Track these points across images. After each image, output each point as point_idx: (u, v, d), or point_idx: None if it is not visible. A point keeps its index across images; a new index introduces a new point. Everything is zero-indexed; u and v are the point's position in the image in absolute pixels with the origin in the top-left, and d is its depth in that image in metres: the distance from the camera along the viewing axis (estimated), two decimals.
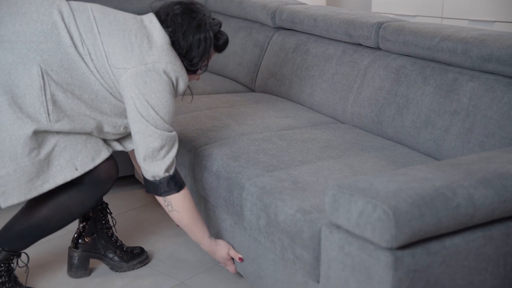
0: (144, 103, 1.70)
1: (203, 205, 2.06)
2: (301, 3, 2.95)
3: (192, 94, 2.02)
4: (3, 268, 1.88)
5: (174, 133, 1.77)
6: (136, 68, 1.70)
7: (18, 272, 2.02)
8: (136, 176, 2.56)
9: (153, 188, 1.81)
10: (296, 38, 2.74)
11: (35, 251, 2.25)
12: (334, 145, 2.01)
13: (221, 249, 1.89)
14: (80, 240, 2.07)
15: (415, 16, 3.76)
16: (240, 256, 1.86)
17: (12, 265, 1.90)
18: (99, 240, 2.08)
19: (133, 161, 2.15)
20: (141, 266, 2.14)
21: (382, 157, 1.91)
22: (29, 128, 1.64)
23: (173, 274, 2.11)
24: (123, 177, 2.82)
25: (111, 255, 2.10)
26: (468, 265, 1.35)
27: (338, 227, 1.39)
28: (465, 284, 1.36)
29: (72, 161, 1.72)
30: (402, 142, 2.08)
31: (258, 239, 1.71)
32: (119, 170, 2.01)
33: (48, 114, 1.66)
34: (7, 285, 1.89)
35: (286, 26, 2.84)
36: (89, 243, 2.08)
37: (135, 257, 2.13)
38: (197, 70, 1.87)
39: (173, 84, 1.76)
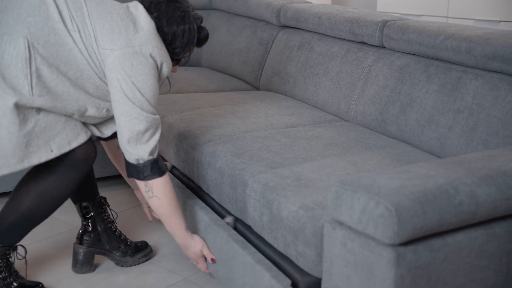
0: (131, 85, 1.69)
1: (181, 202, 2.06)
2: (306, 2, 2.95)
3: (170, 84, 2.05)
4: (1, 264, 1.89)
5: (158, 116, 1.77)
6: (123, 50, 1.70)
7: (19, 266, 2.03)
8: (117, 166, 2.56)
9: (136, 172, 1.79)
10: (301, 36, 2.75)
11: (39, 246, 2.26)
12: (337, 143, 2.02)
13: (196, 244, 1.88)
14: (85, 237, 2.09)
15: (420, 15, 3.76)
16: (213, 257, 1.85)
17: (10, 259, 1.91)
18: (102, 236, 2.09)
19: (108, 151, 2.13)
20: (146, 260, 2.15)
21: (385, 155, 1.92)
22: (11, 100, 1.62)
23: (177, 270, 2.11)
24: None
25: (115, 251, 2.11)
26: (470, 262, 1.35)
27: (341, 223, 1.40)
28: (467, 281, 1.36)
29: (49, 143, 1.71)
30: (405, 140, 2.08)
31: (262, 235, 1.71)
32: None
33: (31, 87, 1.64)
34: (8, 279, 1.90)
35: (290, 24, 2.84)
36: (93, 239, 2.09)
37: (140, 250, 2.14)
38: (179, 60, 1.88)
39: (158, 68, 1.76)
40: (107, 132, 1.92)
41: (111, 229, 2.11)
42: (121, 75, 1.70)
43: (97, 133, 1.89)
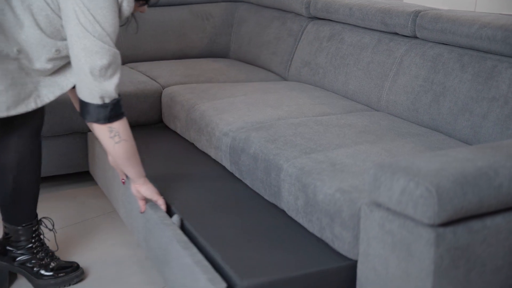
0: (90, 18, 1.56)
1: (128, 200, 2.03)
2: None
3: (137, 25, 1.88)
4: (37, 244, 1.95)
5: (119, 52, 1.65)
6: None
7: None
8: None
9: (99, 114, 1.65)
10: (331, 27, 2.76)
11: (70, 230, 2.29)
12: (370, 131, 2.03)
13: (152, 187, 1.84)
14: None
15: (447, 10, 3.74)
16: (161, 204, 1.83)
17: (42, 238, 1.96)
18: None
19: (74, 101, 1.96)
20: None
21: (418, 143, 1.92)
22: None
23: None
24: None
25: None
26: (509, 245, 1.36)
27: (379, 205, 1.41)
28: (506, 264, 1.36)
29: None
30: (438, 129, 2.09)
31: (296, 219, 1.73)
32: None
33: None
34: (45, 260, 1.94)
35: (320, 16, 2.85)
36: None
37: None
38: (147, 0, 1.76)
39: (117, 3, 1.63)
40: (47, 97, 1.76)
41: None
42: (79, 7, 1.56)
43: (40, 102, 1.74)
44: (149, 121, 2.73)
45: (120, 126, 1.70)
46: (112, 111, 1.66)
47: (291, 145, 1.88)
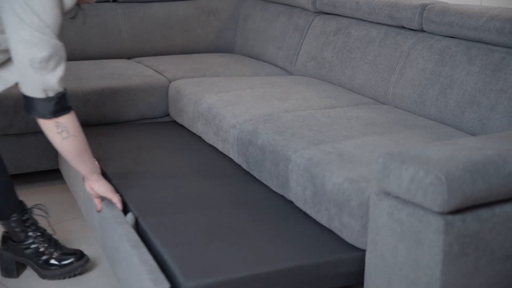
0: (26, 9, 1.50)
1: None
2: None
3: (84, 17, 1.82)
4: (39, 234, 1.95)
5: (61, 43, 1.59)
6: None
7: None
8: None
9: (44, 108, 1.59)
10: (337, 21, 2.76)
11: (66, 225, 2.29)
12: (377, 123, 2.03)
13: (107, 184, 1.79)
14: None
15: (454, 3, 3.74)
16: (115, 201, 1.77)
17: (38, 225, 1.96)
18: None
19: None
20: None
21: (426, 135, 1.93)
22: None
23: None
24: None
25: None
26: None
27: (388, 194, 1.41)
28: None
29: None
30: (445, 121, 2.09)
31: (304, 209, 1.73)
32: None
33: None
34: (49, 249, 1.94)
35: (327, 10, 2.86)
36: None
37: None
38: None
39: None
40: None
41: None
42: None
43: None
44: (155, 115, 2.74)
45: (68, 121, 1.63)
46: (57, 104, 1.60)
47: (298, 137, 1.88)
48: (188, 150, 2.34)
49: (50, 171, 2.76)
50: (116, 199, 1.79)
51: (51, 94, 1.59)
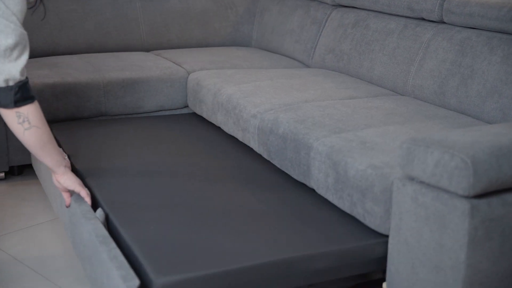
0: None
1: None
2: None
3: (45, 10, 1.75)
4: None
5: (26, 32, 1.56)
6: None
7: None
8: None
9: (5, 97, 1.55)
10: (355, 14, 2.77)
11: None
12: (398, 113, 2.04)
13: (74, 177, 1.74)
14: None
15: None
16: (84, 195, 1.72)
17: None
18: None
19: None
20: None
21: (447, 124, 1.93)
22: None
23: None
24: None
25: None
26: None
27: (412, 179, 1.42)
28: None
29: None
30: (465, 112, 2.09)
31: (326, 196, 1.74)
32: None
33: None
34: None
35: (344, 3, 2.86)
36: None
37: None
38: None
39: None
40: None
41: None
42: None
43: None
44: (174, 106, 2.76)
45: (30, 111, 1.58)
46: (17, 94, 1.55)
47: (320, 125, 1.89)
48: (208, 140, 2.36)
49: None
50: (84, 192, 1.74)
51: (11, 83, 1.54)
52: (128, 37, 3.18)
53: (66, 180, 1.73)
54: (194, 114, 2.74)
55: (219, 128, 2.50)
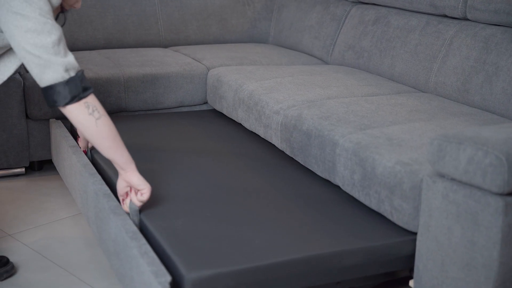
0: (24, 4, 1.46)
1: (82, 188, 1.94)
2: None
3: (65, 19, 1.73)
4: None
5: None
6: None
7: None
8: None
9: (73, 89, 1.52)
10: (376, 11, 2.76)
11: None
12: (422, 110, 2.03)
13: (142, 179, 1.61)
14: None
15: None
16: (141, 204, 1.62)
17: None
18: None
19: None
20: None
21: (472, 122, 1.92)
22: None
23: None
24: None
25: None
26: None
27: (442, 176, 1.42)
28: None
29: None
30: (490, 109, 2.08)
31: (352, 193, 1.74)
32: None
33: None
34: None
35: (364, 0, 2.85)
36: None
37: None
38: None
39: None
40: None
41: None
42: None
43: None
44: (194, 102, 2.76)
45: (95, 100, 1.55)
46: (82, 82, 1.53)
47: (344, 122, 1.89)
48: (229, 137, 2.36)
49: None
50: (148, 195, 1.61)
51: (72, 73, 1.52)
52: (146, 33, 3.18)
53: (138, 179, 1.59)
54: (214, 110, 2.74)
55: (239, 124, 2.50)
